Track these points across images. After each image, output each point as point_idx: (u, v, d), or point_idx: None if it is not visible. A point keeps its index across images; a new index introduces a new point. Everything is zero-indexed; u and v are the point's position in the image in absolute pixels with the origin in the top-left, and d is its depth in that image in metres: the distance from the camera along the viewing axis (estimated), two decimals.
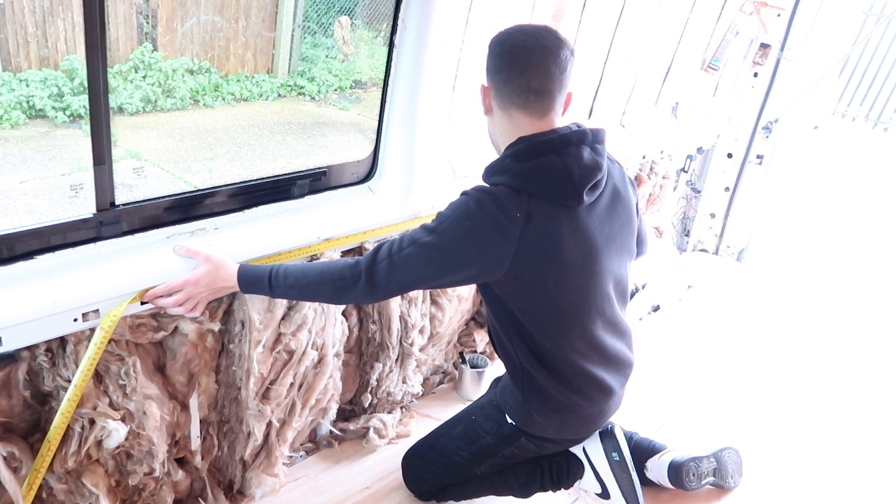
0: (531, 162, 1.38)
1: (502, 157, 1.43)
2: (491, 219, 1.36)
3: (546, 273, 1.42)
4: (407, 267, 1.41)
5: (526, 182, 1.38)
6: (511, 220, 1.36)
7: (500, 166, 1.42)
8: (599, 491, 1.79)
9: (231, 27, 6.69)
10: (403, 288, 1.53)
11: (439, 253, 1.40)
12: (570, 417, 1.61)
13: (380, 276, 1.41)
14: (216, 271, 1.43)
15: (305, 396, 1.79)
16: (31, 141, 5.23)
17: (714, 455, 1.98)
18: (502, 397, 1.67)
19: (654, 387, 2.47)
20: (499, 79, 1.40)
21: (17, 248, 1.35)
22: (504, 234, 1.36)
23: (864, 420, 2.48)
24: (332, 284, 1.44)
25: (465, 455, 1.73)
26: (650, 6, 2.44)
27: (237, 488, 1.80)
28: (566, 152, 1.38)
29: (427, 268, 1.41)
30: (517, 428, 1.64)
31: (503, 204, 1.36)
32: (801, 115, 3.25)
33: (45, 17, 5.45)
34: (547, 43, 1.37)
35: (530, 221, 1.36)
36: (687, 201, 3.53)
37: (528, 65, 1.37)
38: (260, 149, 6.04)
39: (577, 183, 1.38)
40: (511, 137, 1.43)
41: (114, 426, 1.41)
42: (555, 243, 1.40)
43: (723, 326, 3.01)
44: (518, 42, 1.38)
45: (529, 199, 1.37)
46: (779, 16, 2.98)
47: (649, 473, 1.90)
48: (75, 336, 1.34)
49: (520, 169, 1.39)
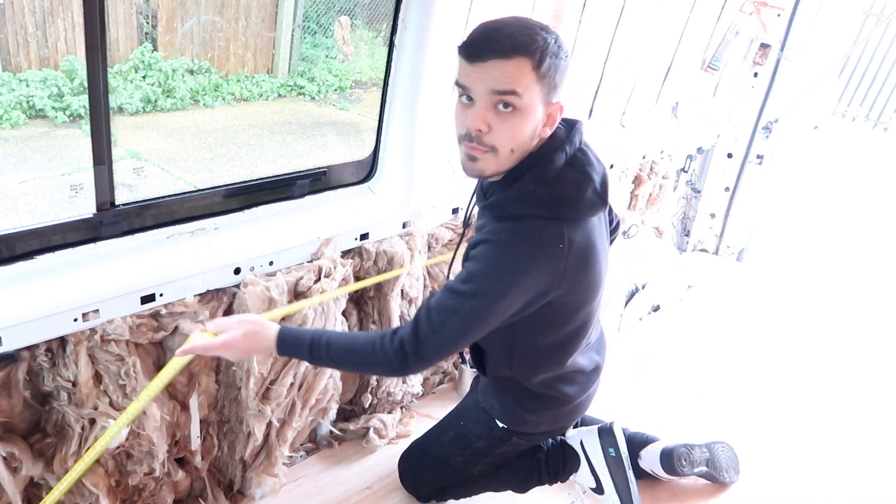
0: (557, 183, 1.26)
1: (523, 182, 1.26)
2: (534, 262, 1.25)
3: (581, 290, 1.35)
4: (454, 339, 1.29)
5: (558, 208, 1.26)
6: (554, 254, 1.25)
7: (524, 194, 1.26)
8: (594, 486, 1.80)
9: (231, 27, 6.69)
10: (447, 351, 1.34)
11: (486, 314, 1.27)
12: (563, 409, 1.60)
13: (428, 356, 1.31)
14: (254, 334, 1.33)
15: (305, 396, 1.79)
16: (31, 141, 5.23)
17: (706, 446, 2.00)
18: (488, 402, 1.63)
19: (654, 387, 2.47)
20: (562, 87, 1.25)
21: (17, 248, 1.35)
22: (550, 271, 1.26)
23: (864, 419, 2.48)
24: (379, 369, 1.37)
25: (459, 459, 1.72)
26: (650, 6, 2.44)
27: (237, 488, 1.80)
28: (578, 161, 1.29)
29: (474, 330, 1.29)
30: (508, 429, 1.63)
31: (542, 241, 1.25)
32: (801, 115, 3.25)
33: (45, 17, 5.45)
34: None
35: (571, 247, 1.26)
36: (687, 201, 3.53)
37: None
38: (260, 149, 6.04)
39: (601, 191, 1.30)
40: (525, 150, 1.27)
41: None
42: (590, 259, 1.32)
43: (723, 326, 3.01)
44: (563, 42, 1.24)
45: (565, 224, 1.26)
46: (779, 16, 2.98)
47: (643, 463, 1.92)
48: (75, 336, 1.34)
49: (547, 195, 1.25)
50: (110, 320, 1.37)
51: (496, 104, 1.19)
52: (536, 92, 1.19)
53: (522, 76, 1.17)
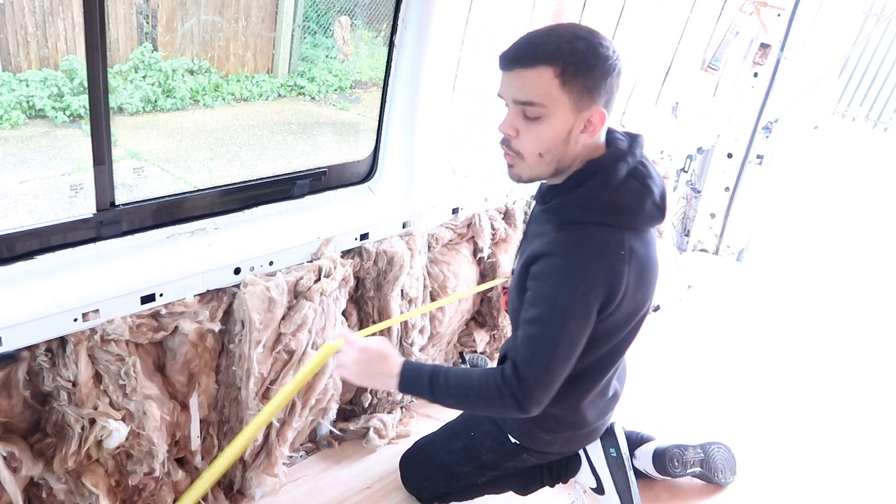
0: (618, 193, 1.26)
1: (585, 188, 1.27)
2: (600, 266, 1.24)
3: (635, 302, 1.33)
4: (550, 367, 1.26)
5: (618, 217, 1.27)
6: (617, 259, 1.25)
7: (587, 200, 1.27)
8: (594, 486, 1.79)
9: (231, 27, 6.69)
10: (556, 382, 1.30)
11: (570, 333, 1.25)
12: (579, 432, 1.60)
13: (533, 390, 1.26)
14: (381, 360, 1.33)
15: (305, 396, 1.79)
16: (31, 141, 5.23)
17: (701, 447, 2.00)
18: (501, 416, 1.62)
19: (654, 387, 2.47)
20: (608, 94, 1.23)
21: (17, 248, 1.35)
22: (615, 276, 1.25)
23: (863, 420, 2.48)
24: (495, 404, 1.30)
25: (465, 469, 1.71)
26: (650, 6, 2.45)
27: (237, 488, 1.80)
28: (640, 173, 1.29)
29: (566, 352, 1.27)
30: (520, 446, 1.62)
31: (605, 247, 1.25)
32: (801, 115, 3.25)
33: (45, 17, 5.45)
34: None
35: (632, 255, 1.27)
36: (687, 201, 3.53)
37: (620, 72, 1.23)
38: (260, 149, 6.04)
39: (661, 205, 1.31)
40: (583, 159, 1.28)
41: (114, 426, 1.41)
42: (647, 270, 1.32)
43: (723, 326, 3.01)
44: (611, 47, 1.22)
45: (626, 232, 1.27)
46: (779, 16, 2.99)
47: (637, 462, 1.92)
48: (75, 336, 1.34)
49: (610, 203, 1.26)
50: (110, 320, 1.37)
51: (522, 112, 1.22)
52: (561, 100, 1.20)
53: (543, 85, 1.19)
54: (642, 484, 1.89)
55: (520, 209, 2.33)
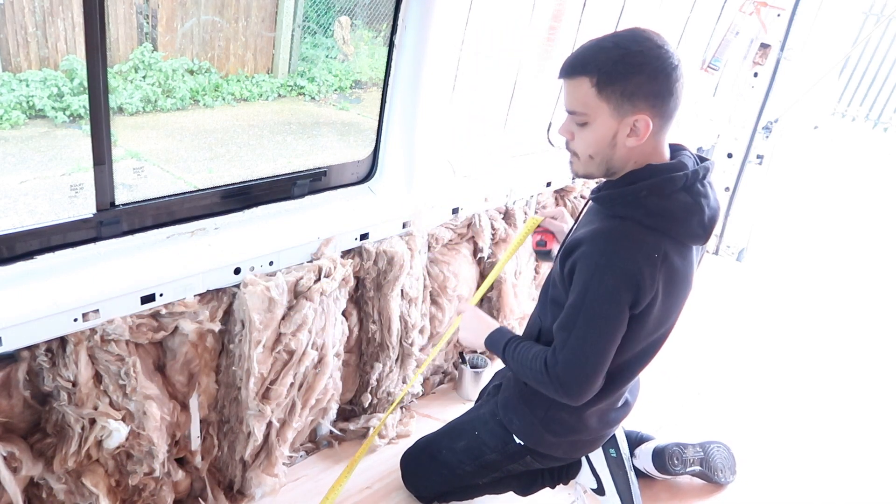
0: (668, 200, 1.29)
1: (637, 187, 1.30)
2: (633, 262, 1.27)
3: (663, 312, 1.36)
4: (583, 354, 1.32)
5: (661, 221, 1.29)
6: (651, 262, 1.28)
7: (634, 199, 1.30)
8: (595, 486, 1.80)
9: (231, 27, 6.69)
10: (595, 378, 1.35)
11: (607, 325, 1.30)
12: (583, 438, 1.60)
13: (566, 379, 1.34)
14: (485, 321, 1.57)
15: (305, 396, 1.79)
16: (31, 141, 5.23)
17: (701, 445, 2.00)
18: (507, 415, 1.62)
19: (654, 387, 2.47)
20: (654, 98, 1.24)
21: (17, 248, 1.35)
22: (647, 275, 1.28)
23: (863, 420, 2.48)
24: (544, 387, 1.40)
25: (467, 469, 1.71)
26: (650, 6, 2.44)
27: (237, 488, 1.80)
28: (695, 190, 1.31)
29: (604, 345, 1.32)
30: (525, 447, 1.62)
31: (640, 245, 1.28)
32: (801, 115, 3.25)
33: (45, 17, 5.45)
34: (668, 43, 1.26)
35: (666, 261, 1.30)
36: None
37: (677, 78, 1.25)
38: (260, 149, 6.04)
39: (707, 225, 1.32)
40: (639, 162, 1.32)
41: (115, 426, 1.41)
42: (678, 282, 1.34)
43: (723, 326, 3.01)
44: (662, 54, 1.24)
45: (665, 239, 1.30)
46: (779, 16, 2.99)
47: (637, 461, 1.93)
48: (75, 336, 1.34)
49: (657, 206, 1.29)
50: (110, 320, 1.37)
51: (573, 118, 1.31)
52: (601, 108, 1.25)
53: (582, 94, 1.26)
54: (642, 484, 1.89)
55: (519, 209, 2.33)
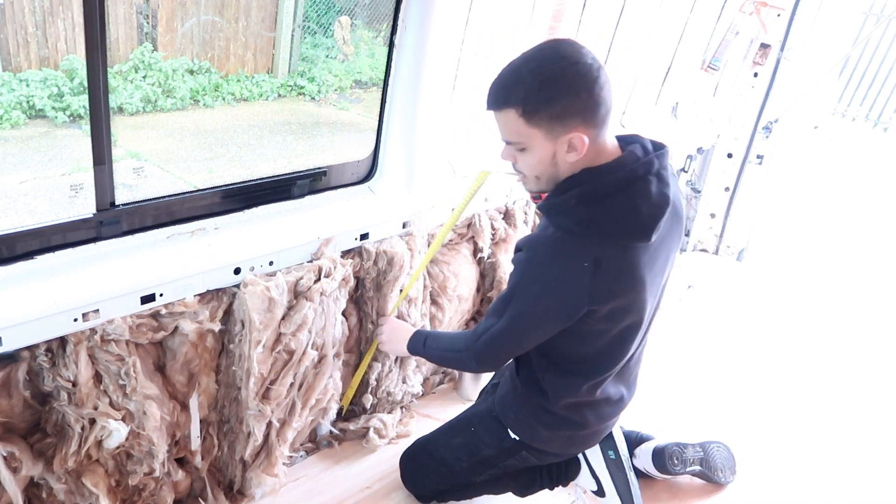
0: (598, 206, 1.29)
1: (567, 196, 1.31)
2: (556, 276, 1.32)
3: (614, 311, 1.36)
4: (498, 342, 1.46)
5: (592, 228, 1.30)
6: (578, 269, 1.29)
7: (565, 208, 1.32)
8: (595, 488, 1.80)
9: (231, 27, 6.69)
10: (506, 358, 1.55)
11: (521, 323, 1.41)
12: (579, 433, 1.60)
13: (483, 355, 1.50)
14: (402, 330, 1.79)
15: (305, 396, 1.79)
16: (31, 141, 5.23)
17: (701, 445, 2.00)
18: (503, 411, 1.64)
19: (654, 387, 2.47)
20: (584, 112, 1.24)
21: (17, 248, 1.35)
22: (574, 283, 1.30)
23: (863, 420, 2.48)
24: (455, 361, 1.62)
25: (464, 465, 1.72)
26: (650, 6, 2.44)
27: (237, 488, 1.80)
28: (633, 189, 1.29)
29: (515, 340, 1.45)
30: (520, 442, 1.63)
31: (566, 256, 1.31)
32: (801, 115, 3.25)
33: (45, 17, 5.45)
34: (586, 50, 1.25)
35: (599, 267, 1.29)
36: (687, 201, 3.53)
37: (601, 86, 1.23)
38: (260, 149, 6.04)
39: (648, 225, 1.30)
40: (576, 166, 1.31)
41: (114, 426, 1.41)
42: (625, 283, 1.34)
43: (723, 326, 3.01)
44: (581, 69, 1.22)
45: (597, 245, 1.30)
46: (779, 16, 2.98)
47: (636, 462, 1.92)
48: (75, 336, 1.34)
49: (586, 214, 1.30)
50: (110, 320, 1.37)
51: (510, 146, 1.34)
52: (534, 134, 1.27)
53: (512, 124, 1.28)
54: (643, 484, 1.89)
55: (520, 209, 2.33)
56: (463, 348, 1.54)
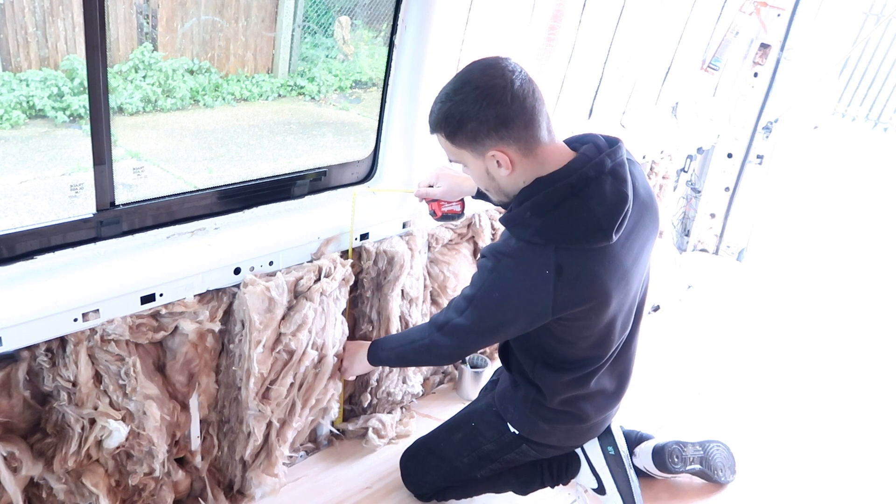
0: (551, 215, 1.30)
1: (522, 208, 1.32)
2: (517, 285, 1.33)
3: (588, 312, 1.37)
4: (460, 337, 1.47)
5: (549, 237, 1.30)
6: (539, 278, 1.30)
7: (521, 220, 1.33)
8: (595, 486, 1.80)
9: (231, 27, 6.69)
10: (465, 353, 1.58)
11: (482, 324, 1.43)
12: (578, 426, 1.62)
13: (441, 346, 1.51)
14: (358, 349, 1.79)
15: (305, 396, 1.79)
16: (31, 141, 5.22)
17: (701, 444, 2.01)
18: (503, 405, 1.66)
19: (654, 387, 2.47)
20: (504, 128, 1.25)
21: (17, 248, 1.35)
22: (536, 292, 1.32)
23: (863, 419, 2.48)
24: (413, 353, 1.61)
25: (465, 461, 1.73)
26: (650, 6, 2.44)
27: (237, 488, 1.80)
28: (586, 193, 1.29)
29: (476, 337, 1.47)
30: (520, 436, 1.64)
31: (527, 266, 1.32)
32: (801, 115, 3.25)
33: (45, 17, 5.45)
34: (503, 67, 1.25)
35: (562, 274, 1.30)
36: (687, 201, 3.53)
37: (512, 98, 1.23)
38: (260, 149, 6.04)
39: (605, 226, 1.29)
40: (528, 179, 1.33)
41: (114, 426, 1.41)
42: (591, 284, 1.33)
43: (723, 326, 3.01)
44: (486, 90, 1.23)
45: (556, 252, 1.30)
46: (779, 16, 2.99)
47: (636, 461, 1.93)
48: (75, 336, 1.34)
49: (542, 224, 1.30)
50: (110, 320, 1.37)
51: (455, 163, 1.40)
52: (464, 153, 1.33)
53: (446, 146, 1.35)
54: (643, 483, 1.89)
55: None
56: (418, 338, 1.57)
